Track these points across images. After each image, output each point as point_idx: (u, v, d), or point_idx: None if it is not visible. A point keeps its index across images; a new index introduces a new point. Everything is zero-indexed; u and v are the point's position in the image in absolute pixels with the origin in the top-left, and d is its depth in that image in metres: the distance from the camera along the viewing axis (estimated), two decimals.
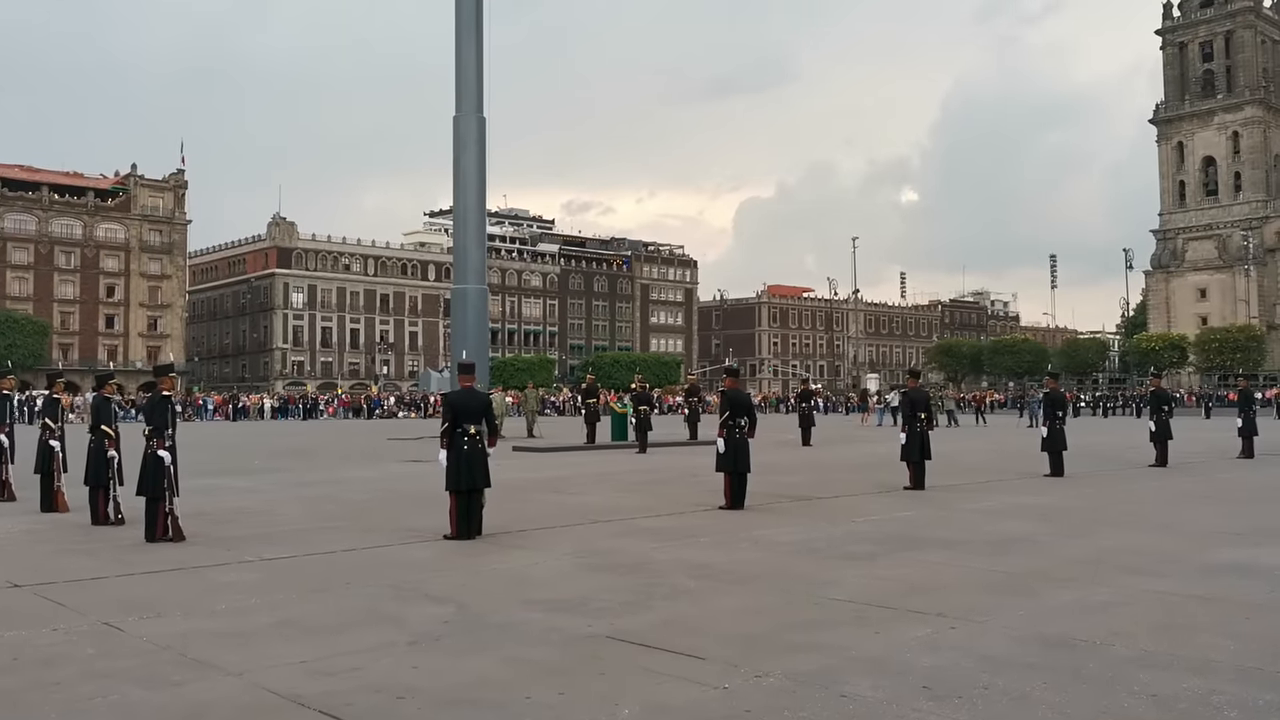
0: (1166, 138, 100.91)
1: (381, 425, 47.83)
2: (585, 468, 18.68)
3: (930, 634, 5.76)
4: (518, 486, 14.46)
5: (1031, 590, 7.03)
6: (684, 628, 5.95)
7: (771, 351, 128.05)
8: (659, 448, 24.09)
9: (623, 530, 10.15)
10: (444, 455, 9.57)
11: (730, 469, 11.81)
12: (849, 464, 19.57)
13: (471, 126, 29.66)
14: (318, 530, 10.27)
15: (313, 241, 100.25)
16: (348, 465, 20.02)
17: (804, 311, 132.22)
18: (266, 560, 8.45)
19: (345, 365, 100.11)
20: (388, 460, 21.31)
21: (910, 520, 10.88)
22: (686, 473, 16.84)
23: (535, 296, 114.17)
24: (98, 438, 10.89)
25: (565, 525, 10.51)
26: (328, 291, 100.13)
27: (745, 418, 12.01)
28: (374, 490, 14.56)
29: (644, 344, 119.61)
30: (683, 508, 11.98)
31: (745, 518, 11.09)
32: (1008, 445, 26.07)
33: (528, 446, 24.94)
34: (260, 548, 9.04)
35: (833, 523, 10.65)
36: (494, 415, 10.26)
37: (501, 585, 7.36)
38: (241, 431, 41.32)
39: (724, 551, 8.78)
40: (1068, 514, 11.40)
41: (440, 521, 9.95)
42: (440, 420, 9.88)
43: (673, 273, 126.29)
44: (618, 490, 14.44)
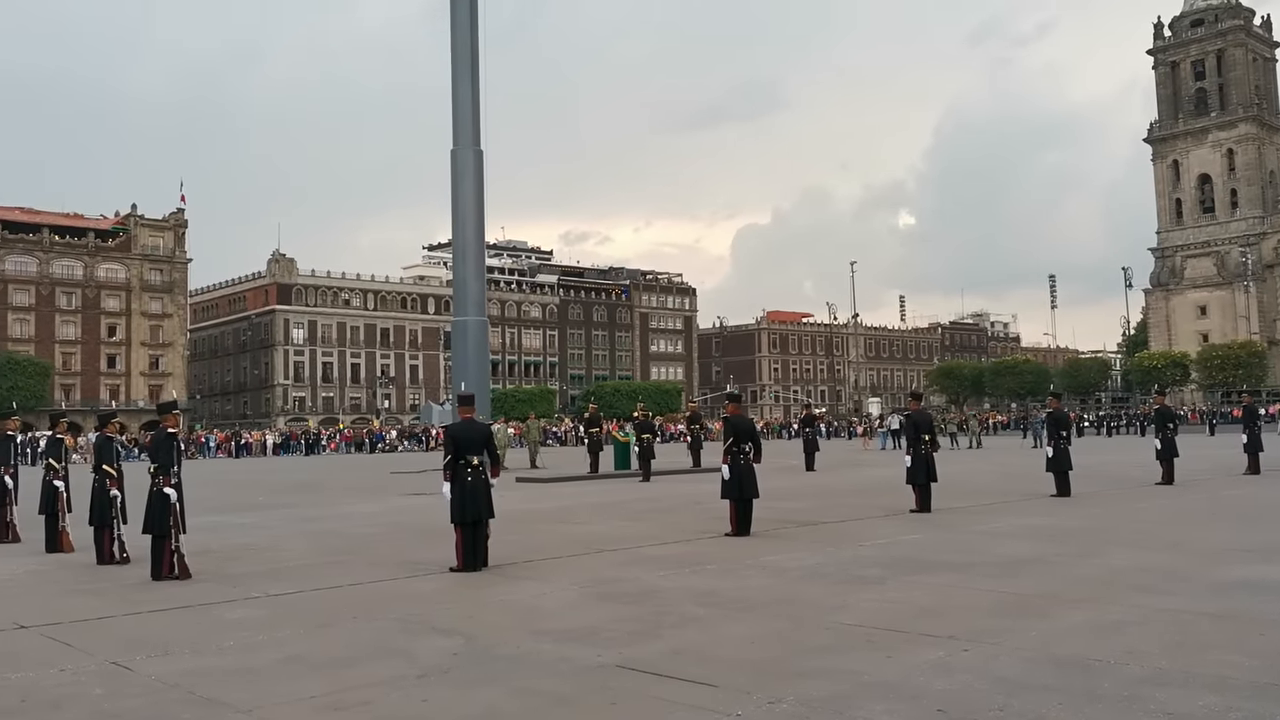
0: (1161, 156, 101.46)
1: (384, 459, 47.76)
2: (589, 497, 18.65)
3: (943, 657, 5.73)
4: (523, 517, 14.43)
5: (1043, 611, 7.00)
6: (694, 656, 5.92)
7: (772, 377, 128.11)
8: (663, 476, 24.05)
9: (629, 559, 10.12)
10: (447, 488, 9.56)
11: (735, 495, 11.79)
12: (854, 488, 19.53)
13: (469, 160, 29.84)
14: (323, 565, 10.24)
15: (312, 277, 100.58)
16: (352, 499, 19.99)
17: (804, 337, 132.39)
18: (273, 596, 8.42)
19: (346, 400, 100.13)
20: (391, 494, 21.27)
21: (918, 543, 10.84)
22: (691, 500, 16.80)
23: (535, 327, 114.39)
24: (101, 477, 10.89)
25: (571, 555, 10.48)
26: (328, 327, 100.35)
27: (749, 443, 12.01)
28: (378, 524, 14.53)
29: (644, 372, 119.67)
30: (688, 535, 11.95)
31: (752, 544, 11.06)
32: (1012, 466, 26.02)
33: (531, 477, 24.90)
34: (266, 584, 9.01)
35: (840, 547, 10.62)
36: (495, 446, 10.26)
37: (509, 616, 7.33)
38: (245, 468, 41.26)
39: (731, 578, 8.75)
40: (1076, 534, 11.35)
41: (446, 554, 9.93)
42: (443, 453, 9.88)
43: (672, 301, 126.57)
44: (623, 519, 14.40)
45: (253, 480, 29.98)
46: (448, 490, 9.55)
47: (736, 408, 12.78)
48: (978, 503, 15.49)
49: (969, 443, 42.55)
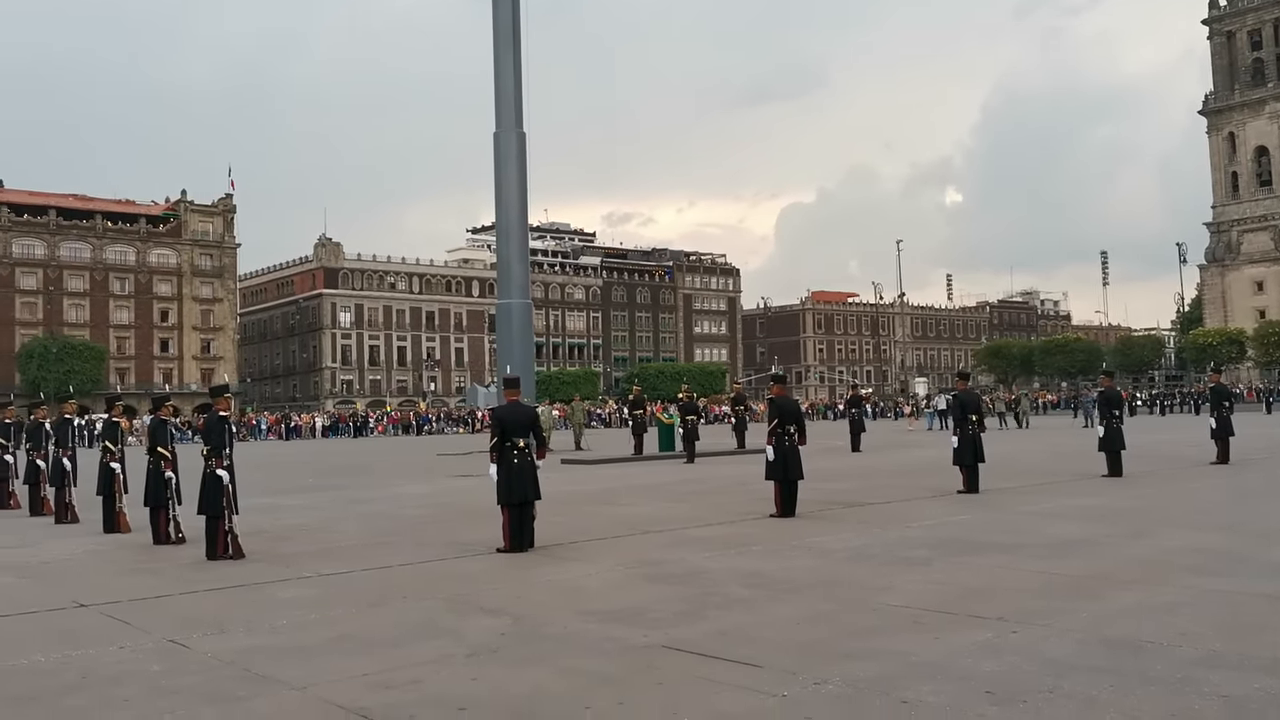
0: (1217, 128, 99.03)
1: (431, 441, 48.25)
2: (634, 479, 18.72)
3: (991, 638, 5.69)
4: (568, 499, 14.52)
5: (1094, 592, 6.92)
6: (740, 636, 5.93)
7: (817, 358, 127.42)
8: (707, 457, 24.06)
9: (674, 540, 10.15)
10: (494, 469, 9.65)
11: (780, 477, 11.77)
12: (900, 469, 19.41)
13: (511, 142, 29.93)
14: (373, 546, 10.38)
15: (358, 261, 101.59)
16: (400, 481, 20.22)
17: (849, 317, 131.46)
18: (324, 576, 8.56)
19: (393, 383, 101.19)
20: (439, 475, 21.49)
21: (965, 524, 10.76)
22: (736, 482, 16.80)
23: (578, 309, 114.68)
24: (155, 459, 11.12)
25: (616, 536, 10.53)
26: (374, 310, 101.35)
27: (794, 425, 11.96)
28: (427, 505, 14.69)
29: (688, 354, 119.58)
30: (733, 517, 11.96)
31: (797, 525, 11.05)
32: (1063, 446, 25.69)
33: (576, 459, 25.04)
34: (318, 564, 9.16)
35: (886, 528, 10.57)
36: (541, 428, 10.32)
37: (556, 597, 7.40)
38: (295, 450, 41.91)
39: (777, 560, 8.75)
40: (1128, 514, 11.20)
41: (493, 535, 10.02)
42: (489, 435, 9.96)
43: (715, 282, 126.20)
44: (668, 500, 14.44)
45: (303, 462, 30.45)
46: (494, 472, 9.64)
47: (782, 389, 12.73)
48: (1027, 483, 15.33)
49: (1018, 423, 42.10)
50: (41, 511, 14.44)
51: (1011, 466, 18.41)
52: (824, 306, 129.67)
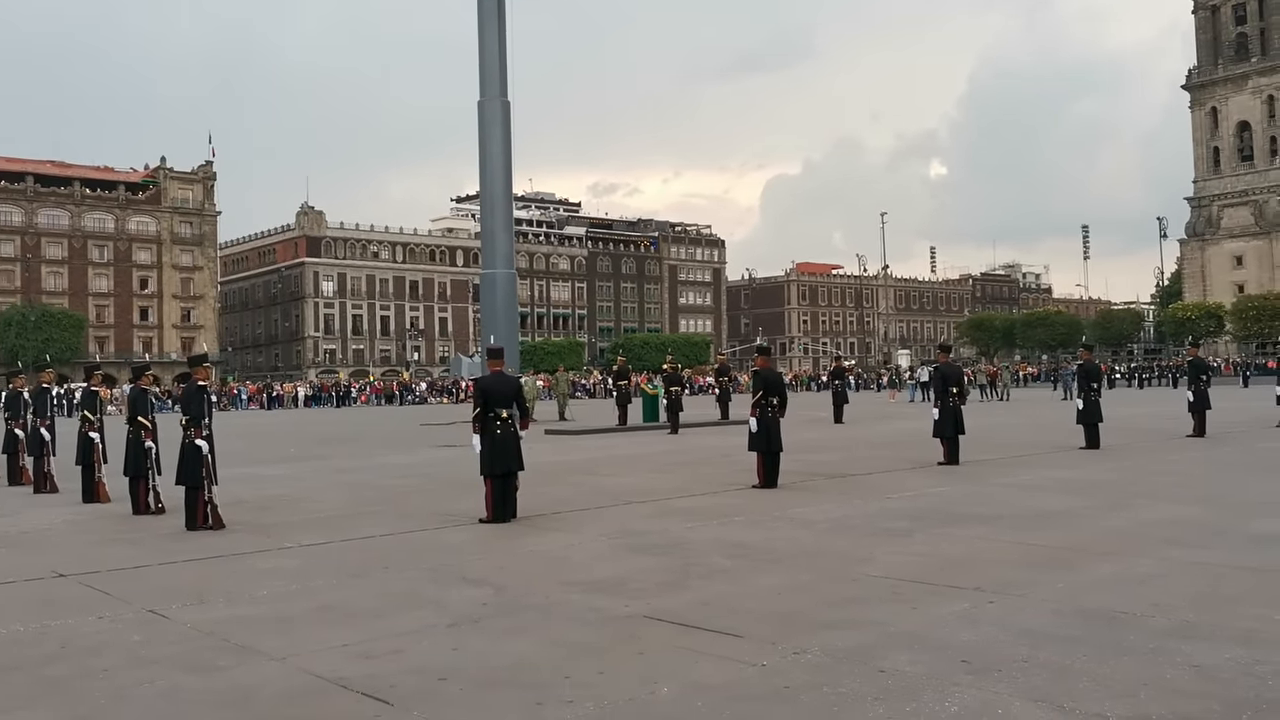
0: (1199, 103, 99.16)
1: (414, 411, 48.19)
2: (618, 449, 18.75)
3: (968, 609, 5.74)
4: (551, 469, 14.53)
5: (1070, 564, 6.99)
6: (721, 607, 5.97)
7: (801, 330, 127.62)
8: (691, 428, 24.12)
9: (657, 511, 10.19)
10: (476, 440, 9.63)
11: (763, 448, 11.81)
12: (882, 441, 19.50)
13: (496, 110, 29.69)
14: (355, 516, 10.38)
15: (341, 230, 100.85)
16: (383, 451, 20.20)
17: (833, 289, 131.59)
18: (306, 546, 8.55)
19: (376, 352, 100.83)
20: (422, 446, 21.47)
21: (945, 496, 10.84)
22: (719, 453, 16.85)
23: (563, 280, 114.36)
24: (135, 429, 11.06)
25: (600, 507, 10.56)
26: (357, 279, 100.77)
27: (776, 397, 11.98)
28: (409, 475, 14.69)
29: (673, 325, 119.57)
30: (716, 488, 12.01)
31: (779, 496, 11.10)
32: (1042, 419, 25.86)
33: (560, 429, 25.06)
34: (299, 534, 9.15)
35: (867, 500, 10.63)
36: (525, 399, 10.31)
37: (539, 567, 7.42)
38: (276, 420, 41.77)
39: (759, 530, 8.80)
40: (1105, 487, 11.30)
41: (476, 505, 10.03)
42: (472, 406, 9.95)
43: (700, 253, 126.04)
44: (651, 471, 14.49)
45: (285, 432, 30.36)
46: (477, 443, 9.62)
47: (766, 361, 12.75)
48: (1006, 455, 15.43)
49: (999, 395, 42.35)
50: (20, 481, 14.34)
51: (992, 439, 18.52)
52: (808, 279, 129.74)
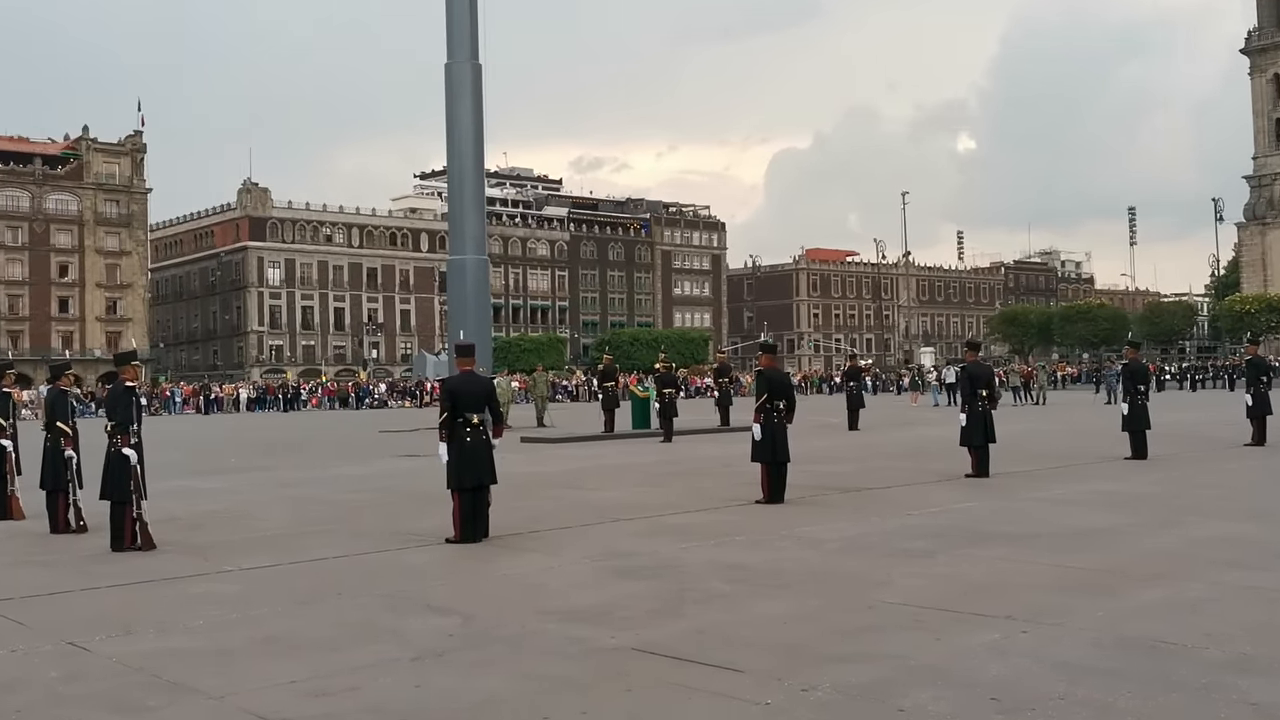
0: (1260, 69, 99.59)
1: (372, 416, 48.11)
2: (603, 460, 18.78)
3: (998, 639, 5.77)
4: (528, 482, 14.55)
5: (1112, 588, 7.03)
6: (719, 637, 5.99)
7: (812, 324, 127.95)
8: (686, 436, 24.15)
9: (648, 529, 10.21)
10: (443, 449, 9.64)
11: (768, 458, 11.84)
12: (902, 450, 19.57)
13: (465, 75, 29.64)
14: (304, 535, 10.37)
15: (289, 210, 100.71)
16: (336, 461, 20.18)
17: (848, 278, 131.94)
18: (248, 570, 8.54)
19: (329, 349, 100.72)
20: (380, 455, 21.45)
21: (972, 512, 10.89)
22: (718, 463, 16.90)
23: (542, 267, 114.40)
24: (53, 436, 11.02)
25: (583, 525, 10.58)
26: (307, 266, 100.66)
27: (783, 401, 12.02)
28: (366, 489, 14.68)
29: (667, 319, 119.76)
30: (715, 503, 12.04)
31: (785, 513, 11.14)
32: (1083, 425, 25.97)
33: (538, 437, 25.06)
34: (240, 556, 9.15)
35: (885, 516, 10.68)
36: (498, 402, 10.32)
37: (513, 593, 7.43)
38: (215, 426, 41.67)
39: (762, 551, 8.83)
40: (1152, 501, 11.37)
41: (441, 523, 10.03)
42: (438, 410, 9.95)
43: (698, 237, 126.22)
44: (641, 484, 14.53)
45: (224, 440, 30.28)
46: (444, 452, 9.63)
47: (771, 360, 12.77)
48: (1042, 466, 15.50)
49: (1035, 398, 42.53)
50: None
51: (1025, 447, 18.60)
52: (820, 266, 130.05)
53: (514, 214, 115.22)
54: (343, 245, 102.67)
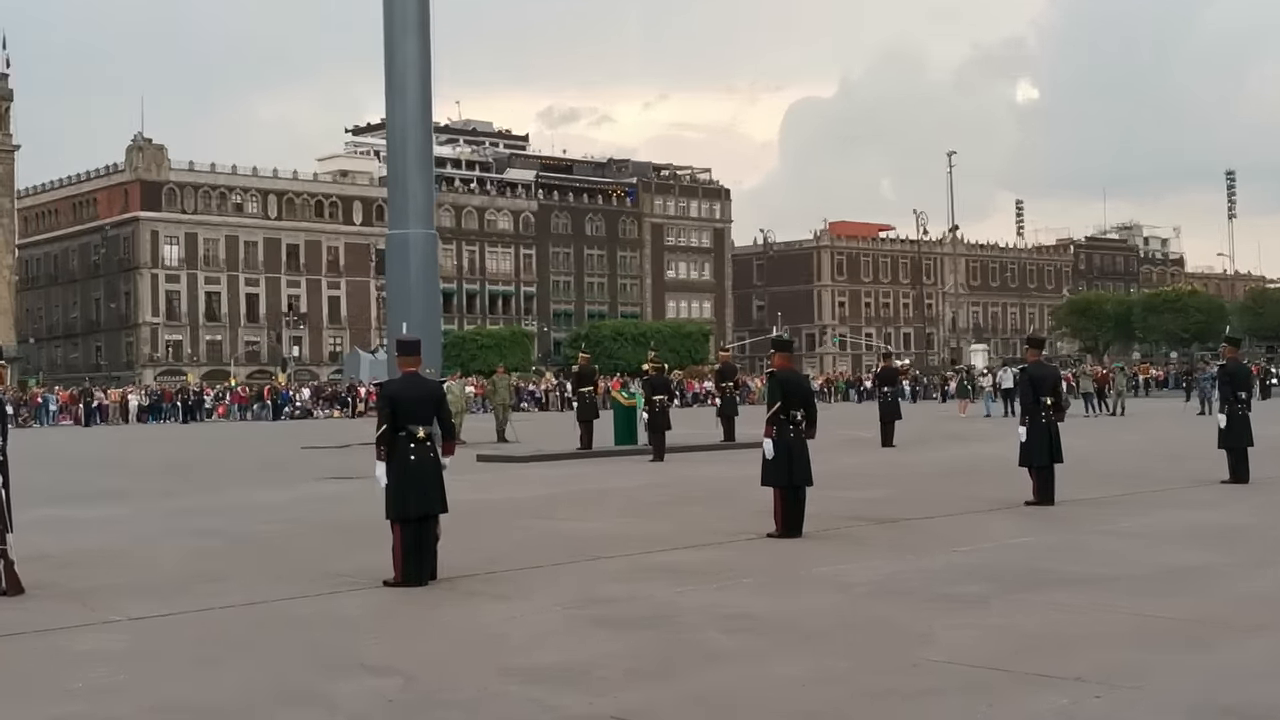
0: None
1: (293, 429, 48.01)
2: (579, 483, 18.81)
3: (1066, 705, 5.78)
4: (486, 511, 14.55)
5: (1204, 642, 7.05)
6: (720, 704, 5.99)
7: (837, 315, 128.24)
8: (681, 453, 24.19)
9: (633, 569, 10.23)
10: (382, 470, 9.64)
11: (783, 482, 11.86)
12: (948, 471, 19.66)
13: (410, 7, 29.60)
14: (207, 577, 10.33)
15: (191, 172, 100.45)
16: (248, 485, 20.18)
17: (881, 259, 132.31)
18: (137, 620, 8.51)
19: (240, 346, 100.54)
20: (304, 478, 21.45)
21: (1034, 547, 10.94)
22: (720, 488, 16.96)
23: (505, 244, 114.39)
24: None
25: (553, 563, 10.58)
26: (213, 243, 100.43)
27: (801, 410, 12.04)
28: (285, 520, 14.66)
29: (658, 308, 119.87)
30: (716, 536, 12.06)
31: (803, 549, 11.16)
32: (1170, 440, 26.06)
33: (498, 455, 25.05)
34: (128, 603, 9.11)
35: (926, 553, 10.70)
36: (449, 412, 10.31)
37: (467, 648, 7.42)
38: (98, 440, 41.51)
39: (775, 596, 8.84)
40: (1252, 535, 11.43)
41: (378, 562, 10.01)
42: (376, 421, 9.94)
43: (696, 207, 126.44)
44: (626, 513, 14.55)
45: (110, 458, 30.18)
46: (383, 473, 9.63)
47: (786, 359, 12.79)
48: (1119, 491, 15.57)
49: (1112, 407, 42.66)
50: None
51: (1099, 468, 18.67)
52: (847, 244, 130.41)
53: (469, 178, 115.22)
54: (257, 216, 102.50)
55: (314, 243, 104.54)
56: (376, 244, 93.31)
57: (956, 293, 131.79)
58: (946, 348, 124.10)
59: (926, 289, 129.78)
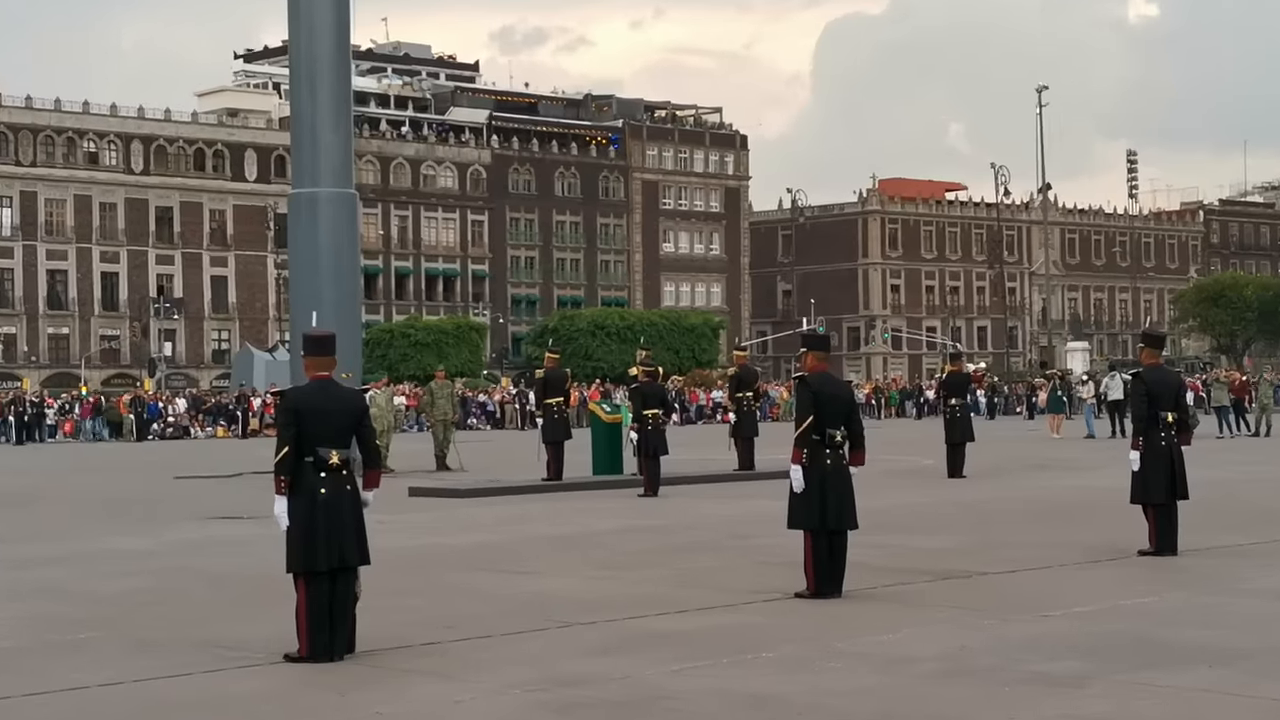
0: None
1: (164, 453, 47.86)
2: (546, 524, 18.83)
3: None
4: (422, 562, 14.56)
5: None
6: None
7: (888, 303, 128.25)
8: (680, 486, 24.22)
9: (616, 639, 10.23)
10: (283, 507, 9.60)
11: (815, 523, 11.83)
12: (1034, 509, 19.67)
13: None
14: (49, 648, 10.33)
15: (28, 111, 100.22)
16: (103, 529, 20.09)
17: (947, 228, 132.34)
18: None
19: (93, 341, 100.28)
20: (177, 518, 21.38)
21: (1149, 612, 10.96)
22: (732, 531, 16.95)
23: (447, 208, 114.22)
24: None
25: (510, 632, 10.57)
26: (58, 205, 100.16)
27: (841, 428, 12.02)
28: (153, 574, 14.62)
29: (650, 293, 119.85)
30: (726, 596, 12.06)
31: (844, 612, 11.17)
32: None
33: (438, 487, 25.04)
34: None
35: (1006, 619, 10.71)
36: (372, 430, 10.28)
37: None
38: None
39: (806, 676, 8.84)
40: None
41: (277, 629, 10.01)
42: (276, 442, 9.91)
43: (702, 159, 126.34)
44: (607, 566, 14.54)
45: None
46: (284, 511, 9.59)
47: (821, 360, 12.76)
48: (1261, 538, 15.59)
49: (1254, 425, 42.61)
50: None
51: (1236, 506, 18.70)
52: (902, 209, 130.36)
53: (399, 119, 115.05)
54: (117, 169, 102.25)
55: (192, 205, 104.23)
56: (276, 207, 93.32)
57: (1048, 274, 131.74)
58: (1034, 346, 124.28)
59: (1008, 269, 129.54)
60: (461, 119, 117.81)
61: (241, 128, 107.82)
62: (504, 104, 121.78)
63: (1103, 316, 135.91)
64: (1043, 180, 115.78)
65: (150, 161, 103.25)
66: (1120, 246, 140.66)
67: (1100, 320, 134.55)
